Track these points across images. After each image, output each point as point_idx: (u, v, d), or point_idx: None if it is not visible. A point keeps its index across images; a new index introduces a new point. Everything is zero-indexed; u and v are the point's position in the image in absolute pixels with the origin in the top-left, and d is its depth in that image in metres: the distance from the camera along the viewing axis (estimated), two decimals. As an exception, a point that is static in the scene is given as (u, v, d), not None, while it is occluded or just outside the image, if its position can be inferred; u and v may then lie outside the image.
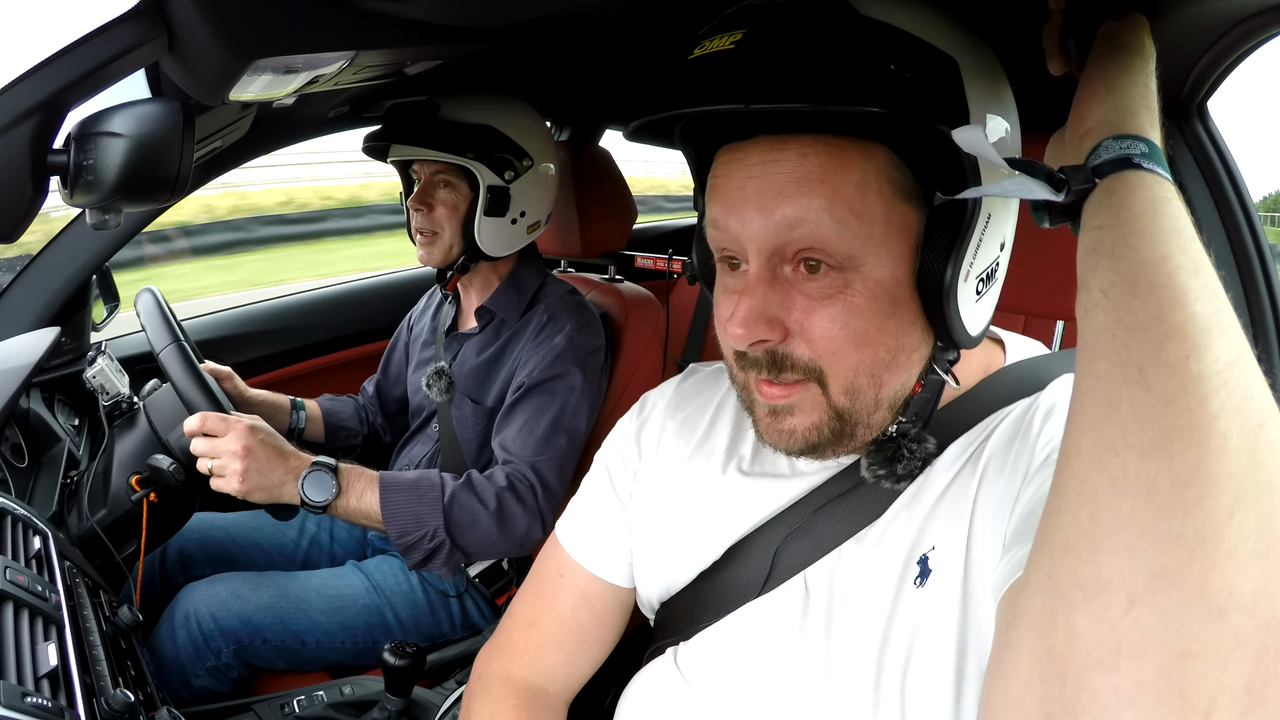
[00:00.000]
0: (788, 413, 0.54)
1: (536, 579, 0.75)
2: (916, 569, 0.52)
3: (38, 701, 0.54)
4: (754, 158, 0.50)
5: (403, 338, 1.51)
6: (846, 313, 0.50)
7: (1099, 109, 0.43)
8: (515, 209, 1.21)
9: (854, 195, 0.48)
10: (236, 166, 1.40)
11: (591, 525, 0.73)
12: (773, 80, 0.45)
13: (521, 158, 1.20)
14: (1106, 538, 0.31)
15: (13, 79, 0.60)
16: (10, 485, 0.99)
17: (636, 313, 1.38)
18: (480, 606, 1.27)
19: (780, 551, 0.59)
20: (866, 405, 0.53)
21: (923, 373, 0.55)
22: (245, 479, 0.98)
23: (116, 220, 0.68)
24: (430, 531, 1.06)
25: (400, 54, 0.78)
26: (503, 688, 0.72)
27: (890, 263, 0.50)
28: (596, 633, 0.73)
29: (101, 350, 1.16)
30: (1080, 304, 0.37)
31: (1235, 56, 0.93)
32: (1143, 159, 0.39)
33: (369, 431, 1.51)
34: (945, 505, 0.53)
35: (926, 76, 0.45)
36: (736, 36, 0.47)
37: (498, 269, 1.31)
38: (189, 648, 1.08)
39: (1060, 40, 0.51)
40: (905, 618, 0.52)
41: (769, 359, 0.52)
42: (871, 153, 0.49)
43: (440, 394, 1.27)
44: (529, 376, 1.19)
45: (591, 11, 0.86)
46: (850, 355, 0.51)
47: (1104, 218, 0.38)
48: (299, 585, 1.17)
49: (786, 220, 0.49)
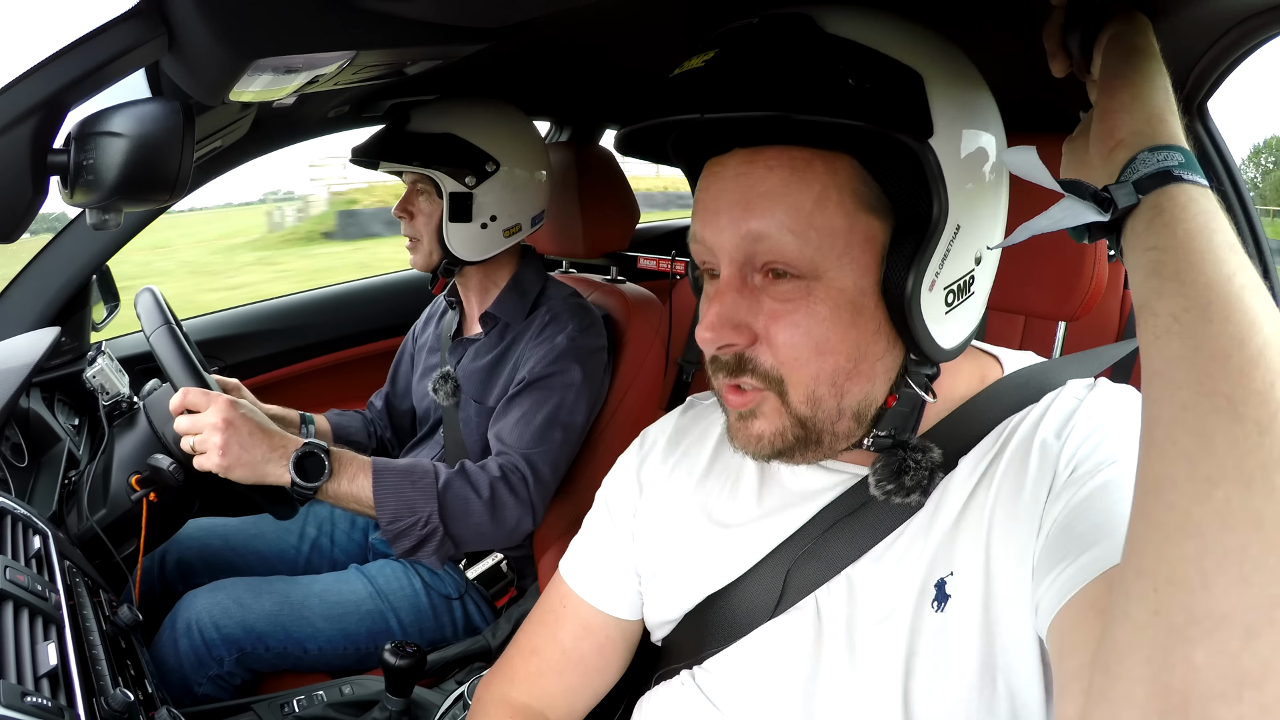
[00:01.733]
0: (752, 417, 0.55)
1: (541, 610, 0.76)
2: (933, 592, 0.52)
3: (37, 701, 0.54)
4: (729, 170, 0.52)
5: (408, 350, 1.51)
6: (809, 319, 0.51)
7: (1128, 119, 0.43)
8: (483, 214, 1.22)
9: (813, 209, 0.49)
10: (236, 166, 1.40)
11: (593, 560, 0.74)
12: (734, 91, 0.47)
13: (484, 162, 1.20)
14: (1218, 572, 0.31)
15: (13, 79, 0.60)
16: (10, 485, 0.99)
17: (638, 314, 1.38)
18: (481, 608, 1.27)
19: (791, 573, 0.59)
20: (829, 414, 0.53)
21: (895, 385, 0.54)
22: (225, 452, 0.96)
23: (116, 220, 0.68)
24: (423, 518, 1.06)
25: (400, 54, 0.78)
26: (501, 710, 0.72)
27: (854, 273, 0.50)
28: (598, 664, 0.73)
29: (101, 350, 1.16)
30: (1147, 329, 0.37)
31: (1235, 56, 0.93)
32: (1182, 170, 0.39)
33: (377, 445, 1.50)
34: (962, 528, 0.53)
35: (887, 88, 0.47)
36: (709, 55, 0.49)
37: (493, 274, 1.31)
38: (191, 656, 1.07)
39: (1061, 40, 0.51)
40: (927, 641, 0.52)
41: (736, 362, 0.53)
42: (836, 165, 0.50)
43: (446, 398, 1.27)
44: (529, 372, 1.19)
45: (591, 12, 0.86)
46: (811, 363, 0.52)
47: (1159, 238, 0.38)
48: (301, 591, 1.17)
49: (751, 233, 0.51)
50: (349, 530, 1.40)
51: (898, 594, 0.54)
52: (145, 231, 1.39)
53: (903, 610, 0.53)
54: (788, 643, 0.59)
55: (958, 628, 0.51)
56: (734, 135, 0.52)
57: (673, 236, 2.58)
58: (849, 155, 0.50)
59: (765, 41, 0.48)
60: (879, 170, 0.50)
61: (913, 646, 0.52)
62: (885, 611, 0.54)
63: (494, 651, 1.20)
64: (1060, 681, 0.42)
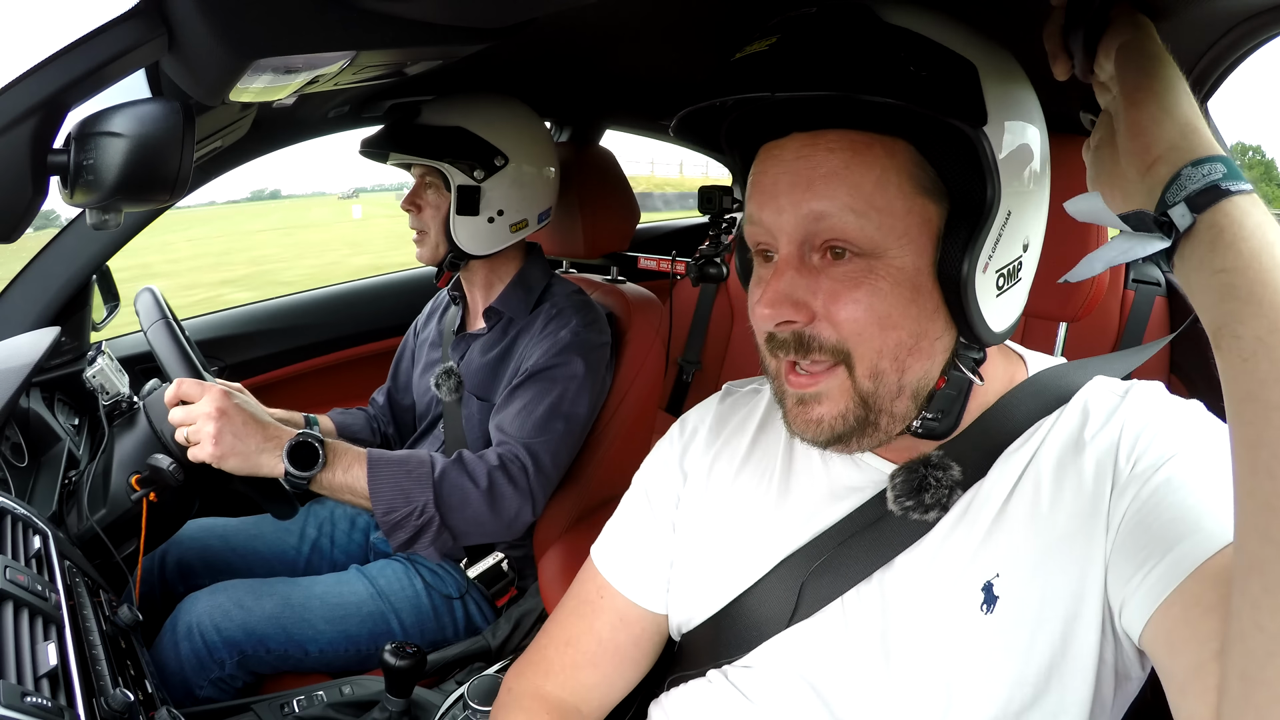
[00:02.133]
0: (815, 401, 0.56)
1: (575, 599, 0.76)
2: (980, 595, 0.54)
3: (37, 701, 0.54)
4: (788, 153, 0.54)
5: (409, 345, 1.50)
6: (871, 296, 0.52)
7: (1162, 133, 0.43)
8: (490, 208, 1.21)
9: (873, 190, 0.51)
10: (236, 166, 1.40)
11: (629, 550, 0.74)
12: (800, 72, 0.49)
13: (493, 156, 1.20)
14: None
15: (13, 79, 0.60)
16: (10, 485, 0.99)
17: (639, 314, 1.38)
18: (482, 608, 1.27)
19: (806, 586, 0.60)
20: (890, 390, 0.55)
21: (946, 367, 0.56)
22: (219, 441, 0.95)
23: (116, 220, 0.68)
24: (419, 507, 1.05)
25: (400, 54, 0.78)
26: (535, 703, 0.72)
27: (912, 253, 0.52)
28: (634, 655, 0.73)
29: (101, 350, 1.15)
30: (1231, 352, 0.38)
31: (1235, 57, 0.93)
32: (1229, 181, 0.40)
33: (381, 442, 1.50)
34: (1004, 529, 0.54)
35: (944, 76, 0.49)
36: (772, 40, 0.51)
37: (498, 269, 1.31)
38: (192, 659, 1.07)
39: (1062, 42, 0.51)
40: (976, 643, 0.53)
41: (796, 340, 0.55)
42: (894, 149, 0.52)
43: (449, 393, 1.27)
44: (532, 364, 1.20)
45: (591, 12, 0.86)
46: (875, 337, 0.53)
47: (1225, 259, 0.39)
48: (302, 593, 1.16)
49: (813, 213, 0.52)
50: (349, 531, 1.40)
51: (938, 599, 0.55)
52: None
53: (946, 614, 0.54)
54: (812, 649, 0.59)
55: (1009, 628, 0.52)
56: (793, 118, 0.54)
57: (673, 237, 2.58)
58: (905, 140, 0.52)
59: (828, 28, 0.50)
60: (933, 155, 0.52)
61: (960, 649, 0.54)
62: (925, 616, 0.55)
63: (494, 651, 1.20)
64: (1178, 678, 0.44)
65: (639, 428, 1.38)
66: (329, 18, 0.64)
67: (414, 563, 1.27)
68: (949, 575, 0.55)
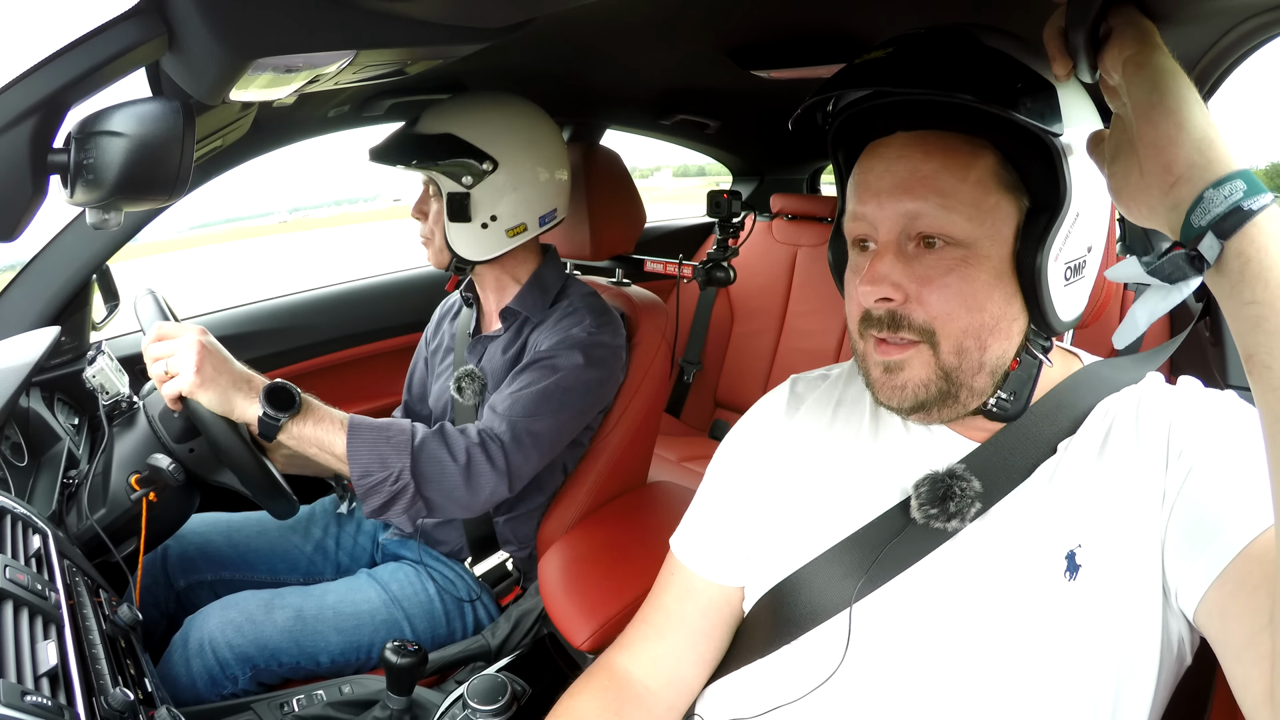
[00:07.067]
0: (900, 368, 0.61)
1: (656, 584, 0.82)
2: (1064, 563, 0.58)
3: (37, 700, 0.54)
4: (892, 152, 0.60)
5: (422, 354, 1.50)
6: (960, 281, 0.59)
7: (1181, 153, 0.44)
8: (482, 213, 1.21)
9: (967, 190, 0.58)
10: (236, 166, 1.40)
11: (697, 526, 0.79)
12: (915, 76, 0.57)
13: (481, 161, 1.18)
14: None
15: (13, 78, 0.60)
16: (10, 484, 0.99)
17: (646, 317, 1.39)
18: (490, 611, 1.27)
19: (879, 558, 0.64)
20: (971, 366, 0.60)
21: (1019, 349, 0.62)
22: (200, 370, 0.97)
23: (117, 219, 0.68)
24: (394, 473, 1.04)
25: (400, 54, 0.78)
26: (602, 671, 0.78)
27: (995, 244, 0.59)
28: (703, 627, 0.77)
29: (101, 349, 1.15)
30: (1264, 381, 0.42)
31: (1235, 57, 0.93)
32: (1250, 199, 0.42)
33: None
34: (1085, 499, 0.59)
35: (1034, 91, 0.55)
36: (889, 50, 0.59)
37: (510, 271, 1.31)
38: (204, 676, 1.06)
39: (1063, 42, 0.51)
40: (1058, 609, 0.58)
41: (890, 318, 0.60)
42: (982, 151, 0.58)
43: (473, 396, 1.25)
44: (535, 353, 1.20)
45: (591, 12, 0.86)
46: (961, 318, 0.59)
47: (1254, 291, 0.42)
48: (315, 604, 1.15)
49: (910, 211, 0.59)
50: (355, 533, 1.40)
51: (1019, 564, 0.59)
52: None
53: (1029, 580, 0.59)
54: (888, 618, 0.64)
55: (1092, 595, 0.57)
56: (899, 118, 0.60)
57: (678, 238, 2.57)
58: (991, 144, 0.58)
59: (938, 44, 0.58)
60: (1015, 158, 0.58)
61: (1042, 614, 0.58)
62: (1005, 582, 0.60)
63: (494, 651, 1.20)
64: (1233, 648, 0.50)
65: (645, 429, 1.38)
66: (328, 17, 0.64)
67: (425, 566, 1.26)
68: (1034, 541, 0.59)
